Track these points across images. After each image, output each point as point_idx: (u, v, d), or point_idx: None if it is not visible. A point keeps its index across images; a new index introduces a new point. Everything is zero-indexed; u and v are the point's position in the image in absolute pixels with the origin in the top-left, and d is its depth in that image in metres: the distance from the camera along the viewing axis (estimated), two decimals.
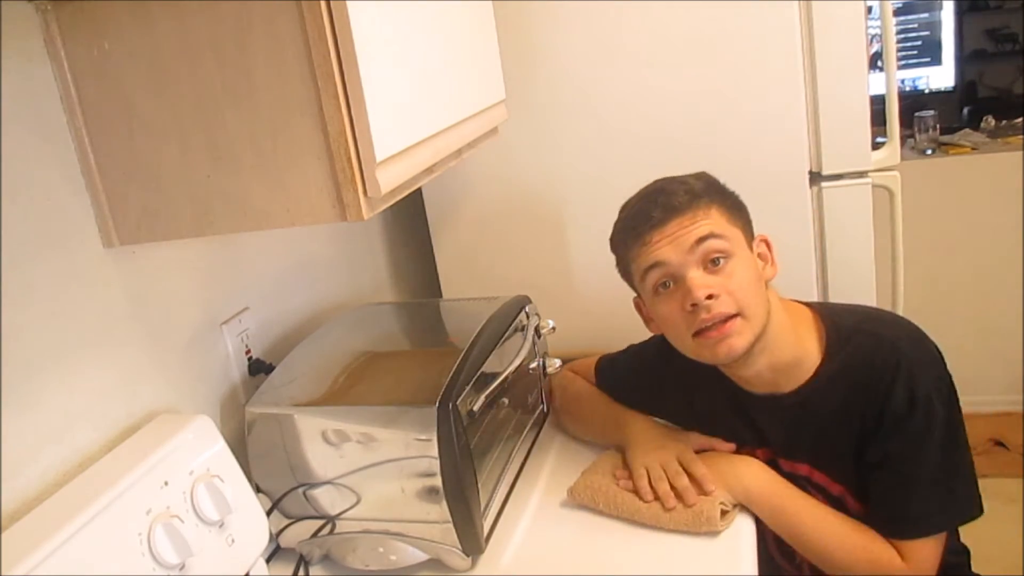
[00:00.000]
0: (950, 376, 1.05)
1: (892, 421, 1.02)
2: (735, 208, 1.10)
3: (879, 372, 1.03)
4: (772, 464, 1.12)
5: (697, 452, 1.16)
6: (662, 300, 1.07)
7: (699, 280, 1.02)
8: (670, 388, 1.21)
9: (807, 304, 1.15)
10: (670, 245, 1.04)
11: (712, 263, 1.03)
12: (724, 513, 1.07)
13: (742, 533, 1.07)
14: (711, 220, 1.04)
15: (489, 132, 1.29)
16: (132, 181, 0.92)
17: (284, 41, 0.82)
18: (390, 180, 0.89)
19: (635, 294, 1.16)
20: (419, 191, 1.66)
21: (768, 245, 1.13)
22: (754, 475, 1.09)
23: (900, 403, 1.01)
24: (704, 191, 1.07)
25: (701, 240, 1.03)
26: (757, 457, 1.13)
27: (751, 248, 1.09)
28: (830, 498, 1.09)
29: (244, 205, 0.89)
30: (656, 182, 1.12)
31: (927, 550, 1.02)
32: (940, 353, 1.06)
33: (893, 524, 1.03)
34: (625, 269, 1.14)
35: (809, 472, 1.11)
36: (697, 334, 1.04)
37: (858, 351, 1.06)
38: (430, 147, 1.01)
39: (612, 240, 1.15)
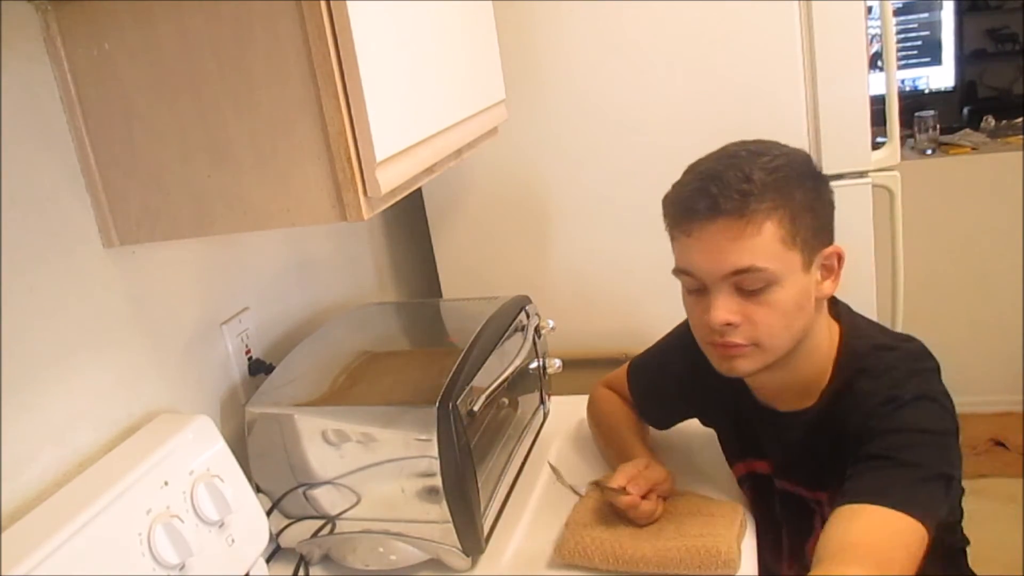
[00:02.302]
0: (946, 402, 0.95)
1: (872, 427, 0.92)
2: (807, 213, 0.93)
3: (870, 397, 0.94)
4: (769, 479, 1.08)
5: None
6: (687, 294, 1.00)
7: (723, 304, 0.93)
8: (694, 381, 1.15)
9: (841, 320, 1.04)
10: (706, 255, 0.93)
11: (749, 284, 0.92)
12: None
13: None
14: (760, 240, 0.90)
15: (489, 132, 1.29)
16: (132, 181, 0.92)
17: (284, 41, 0.82)
18: (390, 180, 0.89)
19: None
20: (419, 191, 1.66)
21: (840, 259, 0.98)
22: None
23: (879, 403, 0.93)
24: (767, 191, 0.90)
25: (739, 272, 0.91)
26: (757, 470, 1.10)
27: (809, 268, 0.95)
28: (822, 520, 0.98)
29: (244, 205, 0.89)
30: (733, 150, 0.96)
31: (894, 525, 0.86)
32: (948, 398, 0.95)
33: (853, 494, 0.89)
34: (668, 232, 1.03)
35: (809, 494, 1.04)
36: (707, 344, 1.00)
37: (860, 375, 0.97)
38: (430, 147, 1.01)
39: (663, 201, 1.01)
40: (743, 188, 0.90)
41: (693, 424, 1.24)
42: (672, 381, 1.20)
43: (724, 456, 1.20)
